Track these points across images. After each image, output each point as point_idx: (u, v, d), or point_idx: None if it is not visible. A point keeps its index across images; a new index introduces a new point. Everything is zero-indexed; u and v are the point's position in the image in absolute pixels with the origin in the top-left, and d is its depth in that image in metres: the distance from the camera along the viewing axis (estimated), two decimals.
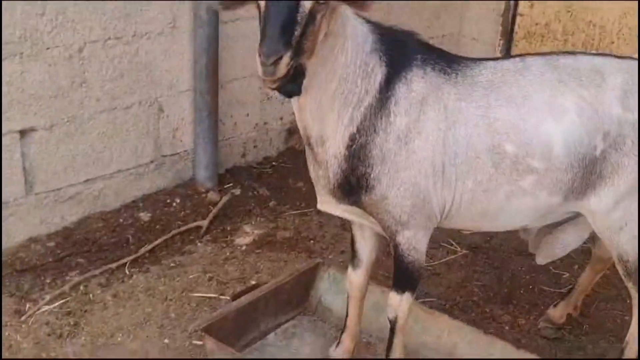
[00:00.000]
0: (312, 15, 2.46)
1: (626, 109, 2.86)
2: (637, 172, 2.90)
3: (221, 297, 3.90)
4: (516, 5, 5.79)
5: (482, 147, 2.83)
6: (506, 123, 2.83)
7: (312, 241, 4.45)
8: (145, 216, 4.42)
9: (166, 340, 3.61)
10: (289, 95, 2.66)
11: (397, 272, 3.06)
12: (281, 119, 5.20)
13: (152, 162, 4.54)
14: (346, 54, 2.70)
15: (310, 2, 2.44)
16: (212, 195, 4.67)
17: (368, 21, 2.80)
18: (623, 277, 3.20)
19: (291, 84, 2.58)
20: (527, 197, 2.91)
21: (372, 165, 2.80)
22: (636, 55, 3.18)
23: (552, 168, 2.86)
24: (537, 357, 3.34)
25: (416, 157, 2.81)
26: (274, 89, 2.52)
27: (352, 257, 3.32)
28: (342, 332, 3.46)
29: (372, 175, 2.81)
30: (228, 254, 4.27)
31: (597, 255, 3.58)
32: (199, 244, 4.32)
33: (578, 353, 3.68)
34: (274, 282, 3.71)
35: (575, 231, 3.25)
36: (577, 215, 3.12)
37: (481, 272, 4.24)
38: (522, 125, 2.83)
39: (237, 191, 4.78)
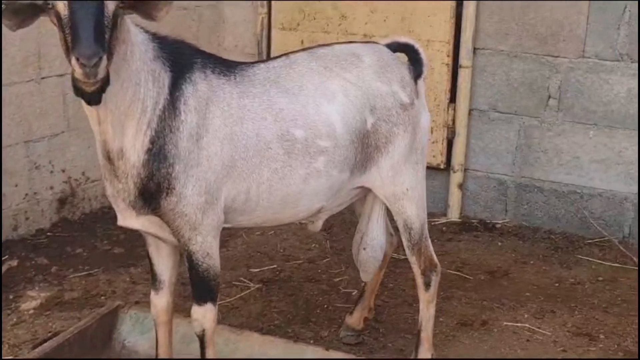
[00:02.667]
0: (114, 18, 2.55)
1: (384, 83, 3.26)
2: (408, 140, 3.27)
3: (16, 358, 3.67)
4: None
5: (272, 137, 3.04)
6: (291, 111, 3.07)
7: (102, 297, 4.33)
8: None
9: None
10: (96, 102, 2.65)
11: (195, 284, 3.11)
12: (52, 188, 5.05)
13: None
14: (135, 60, 2.79)
15: (114, 4, 2.53)
16: None
17: (144, 30, 2.92)
18: (407, 250, 3.50)
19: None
20: (322, 178, 3.14)
21: (172, 164, 2.88)
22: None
23: (339, 145, 3.14)
24: (349, 355, 3.53)
25: (206, 153, 2.94)
26: (94, 92, 2.53)
27: (153, 280, 3.31)
28: None
29: (172, 175, 2.88)
30: (15, 319, 4.03)
31: None
32: None
33: (381, 352, 3.89)
34: (75, 327, 3.57)
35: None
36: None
37: (277, 301, 4.36)
38: (304, 111, 3.09)
39: (14, 262, 4.54)
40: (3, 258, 4.58)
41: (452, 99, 5.50)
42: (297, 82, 3.14)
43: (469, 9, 5.32)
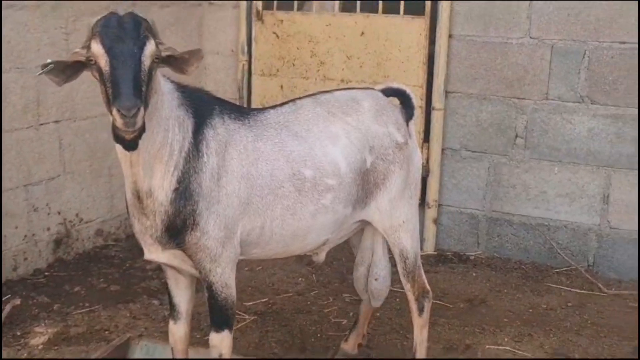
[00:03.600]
0: (150, 72, 2.83)
1: (381, 125, 3.60)
2: (403, 176, 3.61)
3: None
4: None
5: (284, 177, 3.34)
6: (300, 153, 3.38)
7: (106, 332, 4.52)
8: None
9: None
10: (133, 148, 2.90)
11: (213, 312, 3.37)
12: (48, 229, 5.25)
13: None
14: (165, 109, 3.07)
15: (149, 60, 2.82)
16: None
17: (169, 80, 3.21)
18: (402, 277, 3.79)
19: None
20: (329, 213, 3.44)
21: (196, 202, 3.15)
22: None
23: (343, 183, 3.45)
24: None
25: (225, 192, 3.22)
26: (132, 139, 2.80)
27: (171, 310, 3.56)
28: None
29: (197, 212, 3.15)
30: (26, 354, 4.20)
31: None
32: None
33: None
34: (94, 357, 3.78)
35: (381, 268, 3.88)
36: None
37: (273, 331, 4.60)
38: (312, 153, 3.40)
39: (17, 301, 4.71)
40: (6, 297, 4.76)
41: (426, 139, 5.87)
42: (304, 126, 3.45)
43: (441, 56, 5.71)
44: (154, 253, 3.28)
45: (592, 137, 5.44)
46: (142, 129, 2.82)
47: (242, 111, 3.43)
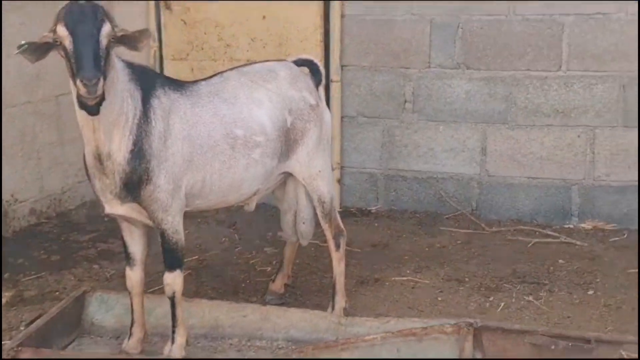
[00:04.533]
0: (107, 49, 3.41)
1: (296, 90, 4.26)
2: (317, 133, 4.29)
3: (2, 343, 4.33)
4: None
5: (219, 136, 3.97)
6: (232, 116, 4.02)
7: (57, 293, 5.03)
8: None
9: None
10: (95, 113, 3.45)
11: (166, 254, 3.97)
12: None
13: None
14: (119, 82, 3.63)
15: (106, 39, 3.39)
16: None
17: (121, 59, 3.78)
18: (321, 219, 4.47)
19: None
20: (258, 165, 4.10)
21: (148, 161, 3.73)
22: None
23: (269, 139, 4.11)
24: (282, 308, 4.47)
25: (171, 151, 3.81)
26: (94, 105, 3.37)
27: (127, 259, 4.12)
28: (131, 326, 4.19)
29: (149, 169, 3.73)
30: None
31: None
32: None
33: (301, 307, 4.83)
34: (56, 307, 4.30)
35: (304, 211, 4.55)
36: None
37: (207, 282, 5.20)
38: (241, 115, 4.05)
39: None
40: None
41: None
42: (232, 93, 4.09)
43: (335, 34, 6.43)
44: (114, 207, 3.85)
45: (469, 98, 6.28)
46: (102, 97, 3.38)
47: (179, 83, 4.02)
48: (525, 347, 3.69)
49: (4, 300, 4.84)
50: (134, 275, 4.12)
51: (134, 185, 3.74)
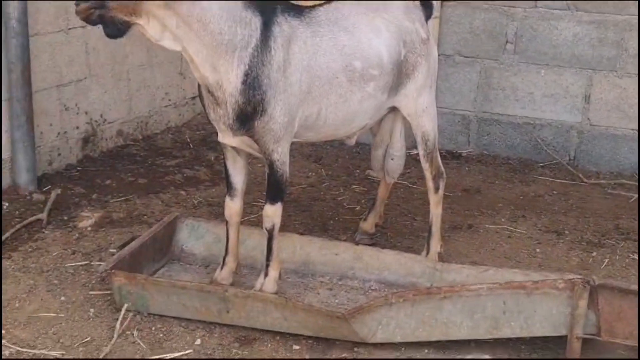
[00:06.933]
0: None
1: (410, 21, 4.06)
2: (426, 68, 4.09)
3: (92, 263, 4.31)
4: None
5: (338, 68, 3.78)
6: (351, 46, 3.82)
7: (145, 216, 4.98)
8: None
9: (62, 298, 3.96)
10: (113, 36, 3.39)
11: (270, 186, 3.84)
12: (77, 128, 5.63)
13: None
14: (212, 16, 3.42)
15: None
16: (37, 196, 5.00)
17: None
18: (422, 158, 4.30)
19: (110, 29, 3.35)
20: (371, 99, 3.91)
21: (264, 91, 3.57)
22: None
23: (384, 72, 3.91)
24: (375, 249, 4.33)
25: (289, 82, 3.65)
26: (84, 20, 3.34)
27: (228, 188, 4.01)
28: (224, 256, 4.10)
29: (265, 100, 3.58)
30: (77, 235, 4.65)
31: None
32: (45, 231, 4.64)
33: (393, 249, 4.69)
34: (148, 232, 4.24)
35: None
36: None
37: (295, 216, 5.09)
38: (360, 46, 3.83)
39: (59, 190, 5.13)
40: (46, 188, 5.17)
41: None
42: (350, 21, 3.87)
43: None
44: (226, 138, 3.75)
45: (577, 42, 5.95)
46: (99, 19, 3.30)
47: (298, 10, 3.80)
48: None
49: (92, 221, 4.80)
50: (234, 205, 4.01)
51: (247, 116, 3.61)
